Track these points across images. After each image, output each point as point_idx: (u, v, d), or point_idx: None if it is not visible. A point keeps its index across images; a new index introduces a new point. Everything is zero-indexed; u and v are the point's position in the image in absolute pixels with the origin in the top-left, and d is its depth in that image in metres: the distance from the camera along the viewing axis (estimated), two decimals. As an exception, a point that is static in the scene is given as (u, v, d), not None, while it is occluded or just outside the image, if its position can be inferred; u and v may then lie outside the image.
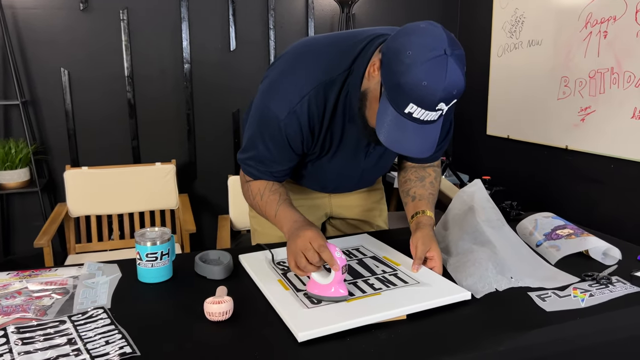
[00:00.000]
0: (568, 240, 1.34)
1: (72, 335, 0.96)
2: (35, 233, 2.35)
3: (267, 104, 1.20)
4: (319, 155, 1.31)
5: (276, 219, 1.25)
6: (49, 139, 2.76)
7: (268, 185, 1.30)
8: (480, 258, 1.20)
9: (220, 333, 0.97)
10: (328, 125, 1.22)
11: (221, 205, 2.99)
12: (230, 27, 2.94)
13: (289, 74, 1.19)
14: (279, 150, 1.24)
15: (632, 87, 2.13)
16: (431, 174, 1.42)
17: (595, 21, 2.28)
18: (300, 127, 1.19)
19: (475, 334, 0.97)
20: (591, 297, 1.10)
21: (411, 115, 1.00)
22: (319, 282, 1.07)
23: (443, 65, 0.96)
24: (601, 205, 2.36)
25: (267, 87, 1.22)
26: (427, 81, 0.95)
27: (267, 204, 1.27)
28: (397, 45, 1.00)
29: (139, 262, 1.21)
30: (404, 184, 1.43)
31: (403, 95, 0.98)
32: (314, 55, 1.20)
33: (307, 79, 1.16)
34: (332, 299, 1.06)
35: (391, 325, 1.00)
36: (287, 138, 1.21)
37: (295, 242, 1.11)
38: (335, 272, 1.05)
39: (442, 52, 0.96)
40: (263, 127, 1.22)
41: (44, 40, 2.65)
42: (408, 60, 0.96)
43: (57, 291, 1.16)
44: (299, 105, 1.16)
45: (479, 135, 3.19)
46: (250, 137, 1.27)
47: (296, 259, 1.10)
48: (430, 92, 0.96)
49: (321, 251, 1.07)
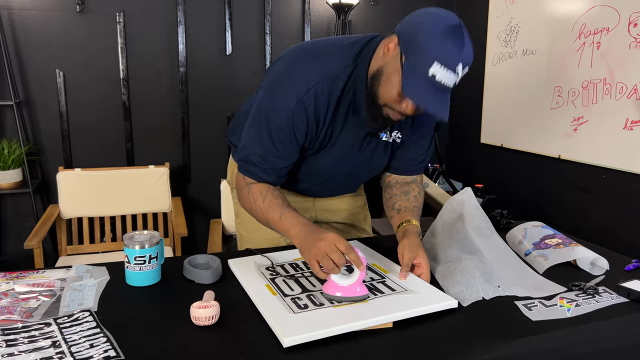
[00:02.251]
0: (556, 249, 1.35)
1: (56, 338, 0.96)
2: (26, 234, 2.34)
3: (276, 97, 1.23)
4: (317, 149, 1.32)
5: (281, 222, 1.25)
6: (42, 140, 2.75)
7: (270, 189, 1.30)
8: (468, 266, 1.20)
9: (206, 338, 0.97)
10: (332, 117, 1.25)
11: (214, 209, 2.99)
12: (227, 31, 2.95)
13: (295, 68, 1.24)
14: (283, 144, 1.26)
15: (624, 98, 2.15)
16: (415, 189, 1.46)
17: (589, 32, 2.30)
18: (307, 117, 1.23)
19: (461, 343, 0.97)
20: (577, 307, 1.10)
21: (434, 77, 1.07)
22: (341, 284, 1.09)
23: (461, 32, 1.07)
24: (593, 215, 2.37)
25: (273, 80, 1.26)
26: (450, 42, 1.05)
27: (270, 207, 1.27)
28: (416, 20, 1.11)
29: (127, 265, 1.21)
30: (389, 200, 1.46)
31: (428, 56, 1.06)
32: (317, 53, 1.26)
33: (313, 72, 1.21)
34: (354, 298, 1.08)
35: (377, 332, 1.00)
36: (293, 129, 1.23)
37: (317, 245, 1.12)
38: (360, 272, 1.09)
39: (457, 22, 1.08)
40: (270, 119, 1.24)
41: (39, 41, 2.65)
42: (431, 26, 1.07)
43: (44, 293, 1.16)
44: (306, 95, 1.20)
45: (473, 144, 3.20)
46: (253, 133, 1.28)
47: (321, 261, 1.11)
48: (452, 52, 1.06)
49: (349, 252, 1.10)
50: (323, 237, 1.12)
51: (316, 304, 1.07)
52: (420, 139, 1.42)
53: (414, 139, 1.41)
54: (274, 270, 1.26)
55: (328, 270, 1.10)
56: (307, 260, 1.15)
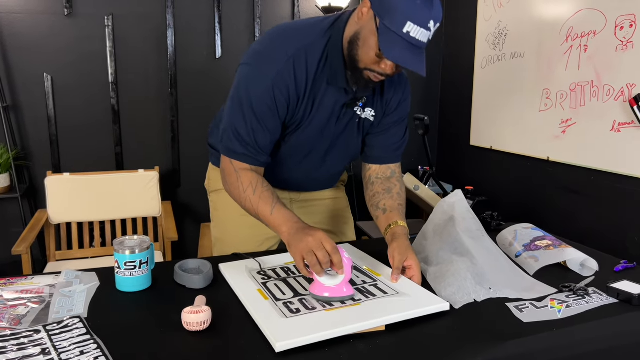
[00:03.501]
0: (546, 251, 1.36)
1: (46, 345, 0.95)
2: (14, 240, 2.31)
3: (255, 69, 1.25)
4: (297, 124, 1.34)
5: (273, 217, 1.25)
6: (30, 144, 2.72)
7: (260, 179, 1.30)
8: (460, 268, 1.21)
9: (197, 343, 0.96)
10: (311, 87, 1.28)
11: (204, 213, 2.97)
12: (216, 35, 2.94)
13: (272, 43, 1.27)
14: (265, 117, 1.27)
15: (611, 101, 2.17)
16: (396, 184, 1.47)
17: (576, 35, 2.32)
18: (287, 87, 1.25)
19: (453, 345, 0.98)
20: (568, 308, 1.11)
21: (409, 34, 1.11)
22: (328, 285, 1.11)
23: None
24: (581, 216, 2.39)
25: (253, 55, 1.28)
26: (419, 0, 1.10)
27: (260, 199, 1.27)
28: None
29: (117, 271, 1.20)
30: (373, 198, 1.46)
31: (401, 16, 1.11)
32: (292, 29, 1.30)
33: (290, 44, 1.25)
34: (341, 298, 1.09)
35: (370, 335, 1.00)
36: (275, 100, 1.25)
37: (305, 241, 1.13)
38: (346, 274, 1.10)
39: None
40: (251, 93, 1.26)
41: (27, 44, 2.63)
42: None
43: (32, 300, 1.15)
44: (285, 66, 1.23)
45: (463, 146, 3.22)
46: (235, 110, 1.29)
47: (306, 257, 1.12)
48: (424, 11, 1.11)
49: (333, 253, 1.11)
50: (312, 234, 1.14)
51: (308, 307, 1.07)
52: (394, 125, 1.45)
53: (387, 124, 1.44)
54: (265, 274, 1.26)
55: (311, 266, 1.12)
56: (293, 255, 1.16)
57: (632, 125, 2.09)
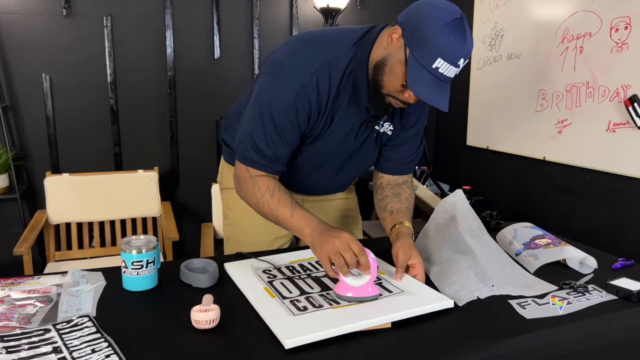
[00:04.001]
0: (546, 249, 1.38)
1: (57, 344, 0.96)
2: (13, 240, 2.31)
3: (279, 81, 1.24)
4: (316, 137, 1.33)
5: (293, 219, 1.25)
6: (29, 145, 2.72)
7: (277, 184, 1.30)
8: (462, 267, 1.23)
9: (207, 341, 0.98)
10: (332, 103, 1.27)
11: (203, 213, 2.98)
12: (215, 35, 2.95)
13: (296, 54, 1.25)
14: (285, 129, 1.26)
15: (606, 101, 2.20)
16: (406, 190, 1.49)
17: (572, 37, 2.36)
18: (309, 102, 1.24)
19: (458, 341, 1.00)
20: (569, 305, 1.13)
21: (437, 70, 1.11)
22: (352, 284, 1.11)
23: (463, 26, 1.11)
24: (577, 215, 2.43)
25: (276, 66, 1.26)
26: (453, 37, 1.09)
27: (279, 203, 1.27)
28: (419, 12, 1.13)
29: (124, 270, 1.21)
30: (381, 201, 1.48)
31: (432, 52, 1.09)
32: (317, 40, 1.28)
33: (314, 57, 1.23)
34: (365, 298, 1.11)
35: (377, 332, 1.02)
36: (296, 114, 1.24)
37: (331, 242, 1.13)
38: (372, 274, 1.12)
39: (460, 15, 1.11)
40: (273, 105, 1.24)
41: (25, 45, 2.63)
42: (434, 21, 1.09)
43: (40, 299, 1.15)
44: (309, 80, 1.21)
45: (459, 146, 3.25)
46: (254, 119, 1.27)
47: (333, 258, 1.13)
48: (455, 48, 1.09)
49: (360, 254, 1.12)
50: (338, 235, 1.14)
51: (315, 305, 1.09)
52: (411, 140, 1.45)
53: (404, 138, 1.44)
54: (271, 273, 1.27)
55: (338, 267, 1.12)
56: (319, 257, 1.16)
57: (627, 126, 2.12)
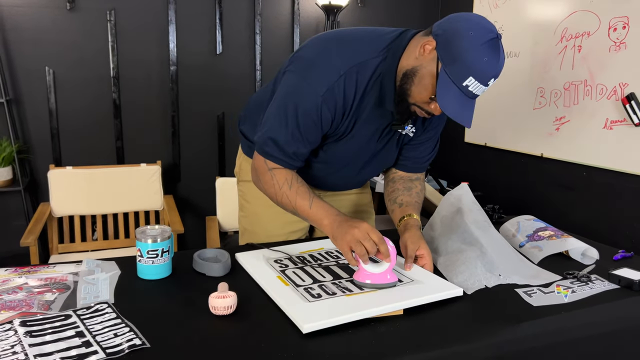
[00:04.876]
0: (549, 241, 1.43)
1: (80, 329, 0.98)
2: (15, 233, 2.33)
3: (306, 80, 1.24)
4: (339, 137, 1.34)
5: (312, 211, 1.27)
6: (32, 138, 2.73)
7: (294, 175, 1.32)
8: (470, 257, 1.27)
9: (225, 326, 1.00)
10: (357, 106, 1.28)
11: (205, 207, 3.00)
12: (217, 31, 2.97)
13: (325, 54, 1.25)
14: (308, 129, 1.27)
15: (604, 99, 2.25)
16: (417, 185, 1.52)
17: (570, 36, 2.40)
18: (335, 104, 1.25)
19: (469, 327, 1.03)
20: (573, 294, 1.18)
21: (467, 88, 1.13)
22: (373, 272, 1.15)
23: (498, 46, 1.12)
24: (574, 211, 2.48)
25: (304, 65, 1.27)
26: (487, 57, 1.10)
27: (297, 194, 1.29)
28: (455, 26, 1.13)
29: (140, 259, 1.23)
30: (392, 193, 1.51)
31: (465, 70, 1.11)
32: (347, 41, 1.28)
33: (343, 60, 1.23)
34: (384, 285, 1.14)
35: (389, 319, 1.05)
36: (321, 114, 1.25)
37: (351, 233, 1.17)
38: (391, 261, 1.15)
39: (496, 34, 1.12)
40: (298, 104, 1.25)
41: (29, 38, 2.63)
42: (470, 39, 1.10)
43: (57, 287, 1.18)
44: (336, 83, 1.22)
45: (458, 143, 3.29)
46: (278, 116, 1.28)
47: (354, 247, 1.16)
48: (488, 68, 1.11)
49: (380, 243, 1.15)
50: (357, 225, 1.17)
51: (328, 293, 1.12)
52: (428, 140, 1.49)
53: (424, 138, 1.47)
54: (282, 263, 1.30)
55: (360, 256, 1.15)
56: (340, 247, 1.19)
57: (624, 123, 2.17)
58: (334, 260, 1.32)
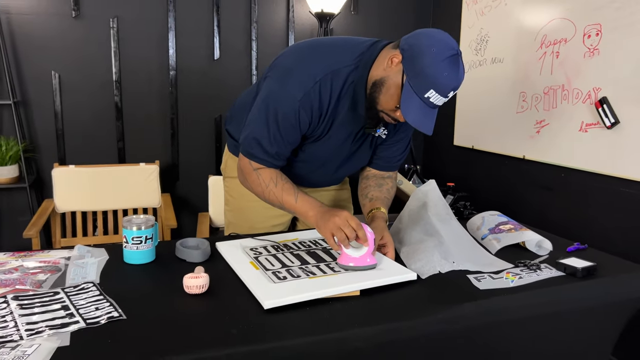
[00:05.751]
0: (508, 233, 1.52)
1: (66, 303, 1.09)
2: (21, 228, 2.45)
3: (285, 87, 1.35)
4: (316, 138, 1.45)
5: (298, 205, 1.38)
6: (38, 137, 2.87)
7: (279, 174, 1.43)
8: (428, 246, 1.37)
9: (196, 303, 1.11)
10: (333, 110, 1.38)
11: (200, 205, 3.12)
12: (215, 37, 3.10)
13: (302, 63, 1.36)
14: (287, 131, 1.37)
15: (579, 103, 2.34)
16: (389, 183, 1.63)
17: (549, 42, 2.49)
18: (311, 108, 1.35)
19: (416, 306, 1.13)
20: (520, 279, 1.27)
21: (428, 99, 1.24)
22: (354, 256, 1.26)
23: (458, 62, 1.23)
24: (552, 210, 2.56)
25: (283, 72, 1.37)
26: (447, 72, 1.21)
27: (283, 190, 1.40)
28: (420, 43, 1.24)
29: (125, 245, 1.34)
30: (364, 189, 1.62)
31: (426, 83, 1.22)
32: (322, 50, 1.39)
33: (319, 67, 1.34)
34: (366, 267, 1.25)
35: (346, 299, 1.15)
36: (299, 118, 1.35)
37: (332, 220, 1.28)
38: (369, 245, 1.26)
39: (456, 51, 1.23)
40: (278, 108, 1.35)
41: (36, 44, 2.78)
42: (433, 56, 1.21)
43: (50, 269, 1.29)
44: (312, 88, 1.33)
45: (447, 146, 3.39)
46: (260, 119, 1.38)
47: (335, 234, 1.27)
48: (448, 82, 1.22)
49: (358, 229, 1.26)
50: (338, 214, 1.29)
51: (293, 276, 1.22)
52: (399, 142, 1.59)
53: (395, 139, 1.58)
54: (257, 251, 1.41)
55: (340, 240, 1.26)
56: (323, 234, 1.31)
57: (598, 126, 2.26)
58: (305, 249, 1.43)
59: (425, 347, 1.10)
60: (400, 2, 3.49)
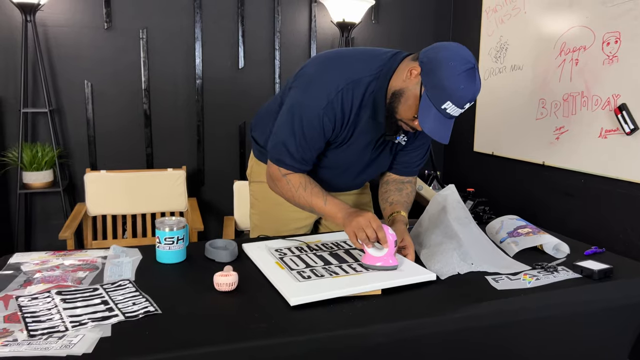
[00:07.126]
0: (526, 237, 1.56)
1: (105, 298, 1.17)
2: (54, 231, 2.56)
3: (309, 95, 1.42)
4: (339, 144, 1.51)
5: (327, 207, 1.46)
6: (71, 144, 2.99)
7: (307, 178, 1.50)
8: (448, 248, 1.41)
9: (226, 300, 1.18)
10: (354, 118, 1.45)
11: (225, 209, 3.20)
12: (240, 47, 3.19)
13: (325, 72, 1.43)
14: (312, 137, 1.44)
15: (599, 110, 2.36)
16: (408, 187, 1.69)
17: (569, 50, 2.52)
18: (334, 116, 1.42)
19: (435, 305, 1.18)
20: (537, 280, 1.31)
21: (445, 110, 1.29)
22: (377, 256, 1.33)
23: (474, 75, 1.28)
24: (573, 216, 2.57)
25: (307, 82, 1.45)
26: (464, 85, 1.26)
27: (312, 194, 1.47)
28: (438, 56, 1.29)
29: (158, 245, 1.41)
30: (384, 194, 1.68)
31: (443, 95, 1.27)
32: (344, 61, 1.46)
33: (341, 77, 1.41)
34: (388, 268, 1.31)
35: (368, 297, 1.20)
36: (323, 125, 1.42)
37: (357, 220, 1.35)
38: (389, 247, 1.31)
39: (473, 65, 1.28)
40: (303, 115, 1.42)
41: (70, 55, 2.91)
42: (450, 69, 1.26)
43: (88, 267, 1.37)
44: (335, 97, 1.39)
45: (467, 151, 3.42)
46: (286, 127, 1.45)
47: (357, 233, 1.34)
48: (464, 94, 1.27)
49: (379, 230, 1.32)
50: (362, 214, 1.35)
51: (317, 275, 1.28)
52: (418, 148, 1.65)
53: (415, 146, 1.63)
54: (282, 252, 1.47)
55: (361, 240, 1.33)
56: (347, 233, 1.38)
57: (617, 132, 2.27)
58: (327, 250, 1.49)
59: (443, 344, 1.15)
60: (420, 11, 3.54)
